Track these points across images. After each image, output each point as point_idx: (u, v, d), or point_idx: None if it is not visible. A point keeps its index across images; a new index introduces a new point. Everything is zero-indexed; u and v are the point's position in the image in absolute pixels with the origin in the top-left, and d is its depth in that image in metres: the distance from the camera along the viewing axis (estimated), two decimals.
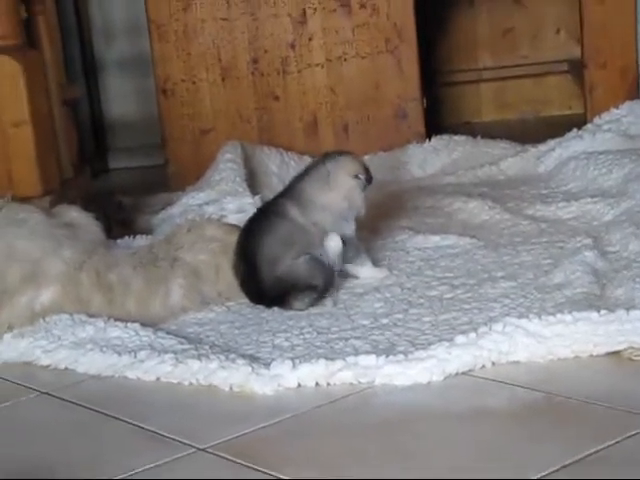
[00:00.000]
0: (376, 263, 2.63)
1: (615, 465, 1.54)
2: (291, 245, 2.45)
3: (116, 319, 2.35)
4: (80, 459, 1.80)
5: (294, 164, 3.74)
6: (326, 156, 2.57)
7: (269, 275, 2.43)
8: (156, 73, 3.97)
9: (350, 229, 2.54)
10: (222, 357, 2.07)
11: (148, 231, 3.20)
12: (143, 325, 2.32)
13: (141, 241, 3.03)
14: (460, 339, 1.99)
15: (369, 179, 2.55)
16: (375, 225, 2.92)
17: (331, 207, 2.52)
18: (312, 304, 2.42)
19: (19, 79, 2.92)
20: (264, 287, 2.44)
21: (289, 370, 1.98)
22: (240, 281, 2.49)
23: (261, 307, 2.46)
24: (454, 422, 1.77)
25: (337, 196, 2.53)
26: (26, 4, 3.17)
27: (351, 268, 2.57)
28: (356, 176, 2.53)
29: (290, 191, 2.56)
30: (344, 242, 2.50)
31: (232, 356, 2.08)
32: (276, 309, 2.43)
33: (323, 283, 2.44)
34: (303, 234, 2.48)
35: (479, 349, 1.96)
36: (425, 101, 3.97)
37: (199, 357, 2.09)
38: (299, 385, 1.97)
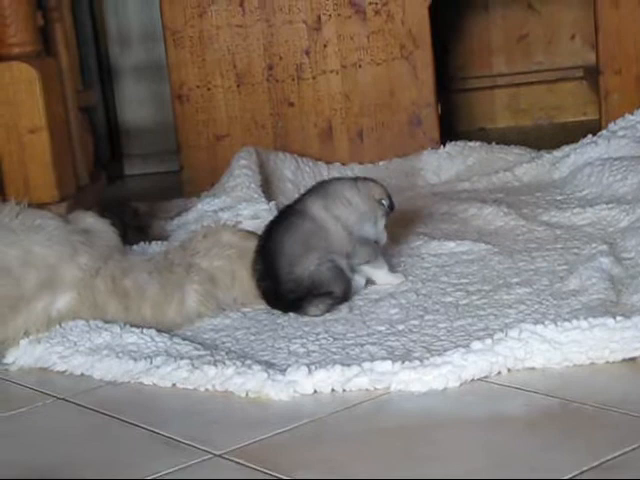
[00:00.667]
0: (392, 269, 2.63)
1: (632, 472, 1.54)
2: (311, 247, 2.46)
3: (132, 325, 2.36)
4: (96, 465, 1.80)
5: (309, 170, 3.75)
6: (354, 179, 2.65)
7: (288, 277, 2.43)
8: (171, 79, 3.98)
9: (371, 232, 2.56)
10: (238, 363, 2.07)
11: (163, 237, 3.21)
12: (159, 331, 2.33)
13: (156, 247, 3.04)
14: (476, 345, 1.99)
15: (391, 206, 2.59)
16: (390, 231, 2.91)
17: (357, 205, 2.55)
18: (327, 310, 2.43)
19: (36, 86, 2.93)
20: (282, 289, 2.45)
21: (305, 376, 1.98)
22: (257, 281, 2.50)
23: (277, 313, 2.46)
24: (470, 428, 1.77)
25: (363, 200, 2.56)
26: (43, 11, 3.19)
27: (368, 272, 2.57)
28: (380, 200, 2.57)
29: (314, 189, 2.59)
30: (362, 243, 2.52)
31: (248, 362, 2.08)
32: (292, 315, 2.43)
33: (341, 292, 2.45)
34: (324, 234, 2.49)
35: (495, 355, 1.96)
36: (440, 107, 3.97)
37: (215, 363, 2.09)
38: (315, 391, 1.97)
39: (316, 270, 2.44)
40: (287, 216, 2.54)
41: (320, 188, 2.59)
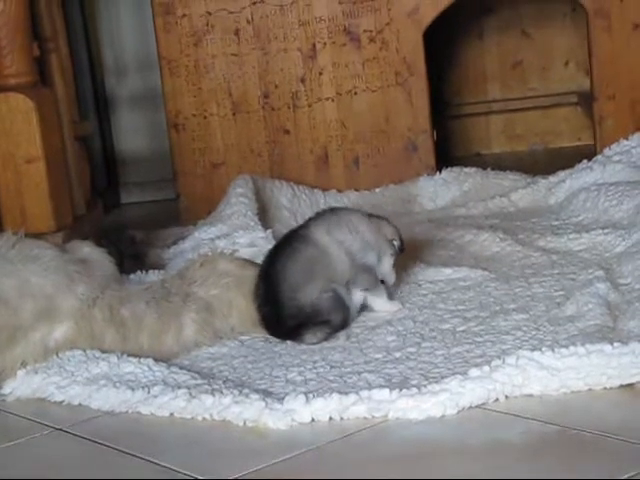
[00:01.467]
0: (390, 296, 2.63)
1: None
2: (314, 275, 2.47)
3: (129, 354, 2.36)
4: None
5: (305, 197, 3.76)
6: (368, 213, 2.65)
7: (290, 303, 2.44)
8: (167, 108, 3.99)
9: (373, 260, 2.56)
10: (235, 392, 2.07)
11: (160, 266, 3.21)
12: (156, 360, 2.33)
13: (153, 276, 3.04)
14: (473, 372, 1.99)
15: (402, 248, 2.62)
16: None
17: (363, 233, 2.56)
18: (325, 339, 2.43)
19: (32, 116, 2.95)
20: (283, 314, 2.45)
21: (302, 405, 1.98)
22: (258, 306, 2.50)
23: (274, 341, 2.46)
24: (468, 456, 1.77)
25: (370, 231, 2.57)
26: (39, 42, 3.20)
27: (367, 299, 2.58)
28: (391, 240, 2.59)
29: (320, 214, 2.60)
30: (364, 270, 2.53)
31: (245, 391, 2.08)
32: (289, 343, 2.43)
33: (340, 321, 2.46)
34: (326, 260, 2.49)
35: (492, 382, 1.96)
36: (435, 133, 3.99)
37: (212, 392, 2.09)
38: (313, 420, 1.97)
39: (318, 299, 2.44)
40: (291, 241, 2.55)
41: (326, 214, 2.61)
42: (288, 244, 2.55)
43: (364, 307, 2.59)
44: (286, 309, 2.45)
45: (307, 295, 2.45)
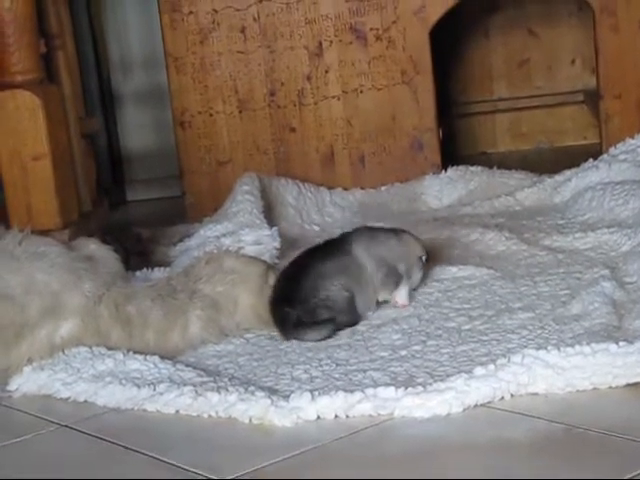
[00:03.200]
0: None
1: None
2: (340, 272, 2.51)
3: (135, 352, 2.36)
4: None
5: (311, 195, 3.76)
6: (396, 230, 2.69)
7: (309, 295, 2.46)
8: (173, 105, 4.00)
9: (402, 270, 2.62)
10: (241, 389, 2.08)
11: (166, 263, 3.21)
12: (162, 357, 2.33)
13: (159, 273, 3.04)
14: (479, 371, 1.99)
15: (427, 259, 2.67)
16: None
17: (397, 252, 2.61)
18: (328, 336, 2.43)
19: (39, 113, 2.95)
20: (300, 307, 2.45)
21: (308, 402, 1.98)
22: (272, 299, 2.51)
23: (279, 339, 2.46)
24: (473, 454, 1.77)
25: (405, 252, 2.62)
26: (45, 39, 3.21)
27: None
28: (420, 257, 2.64)
29: (360, 231, 2.63)
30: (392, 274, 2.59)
31: (251, 388, 2.08)
32: (294, 341, 2.43)
33: (346, 323, 2.48)
34: (358, 269, 2.55)
35: (498, 381, 1.96)
36: (441, 132, 3.99)
37: (218, 390, 2.09)
38: (318, 417, 1.97)
39: (335, 294, 2.46)
40: (326, 248, 2.61)
41: (365, 232, 2.64)
42: (322, 250, 2.61)
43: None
44: (304, 303, 2.46)
45: (327, 287, 2.47)
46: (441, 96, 4.13)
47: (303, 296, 2.47)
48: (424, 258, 2.65)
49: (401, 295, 2.61)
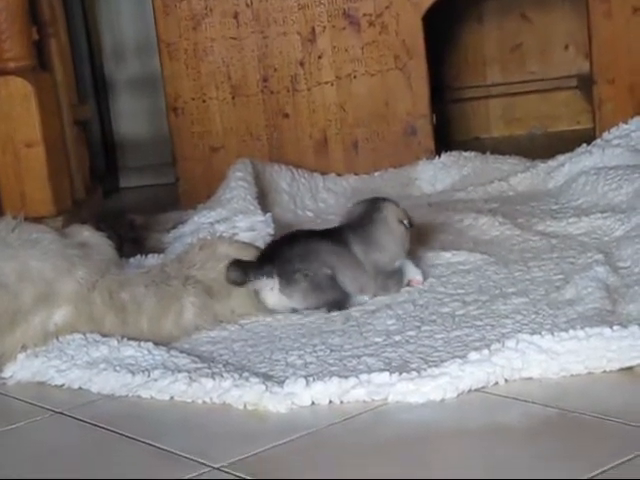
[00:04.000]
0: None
1: None
2: (329, 255, 2.52)
3: (129, 338, 2.36)
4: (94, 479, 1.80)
5: (304, 181, 3.76)
6: (375, 201, 2.70)
7: (292, 260, 2.49)
8: (166, 92, 3.99)
9: (398, 264, 2.65)
10: (235, 375, 2.08)
11: (160, 250, 3.21)
12: (156, 344, 2.33)
13: (153, 260, 3.04)
14: (473, 356, 1.99)
15: (411, 224, 2.67)
16: None
17: (390, 249, 2.62)
18: (317, 306, 2.50)
19: (31, 100, 2.95)
20: (279, 266, 2.48)
21: (302, 388, 1.98)
22: (257, 255, 2.55)
23: (274, 325, 2.47)
24: (468, 439, 1.78)
25: (394, 240, 2.63)
26: (38, 26, 3.20)
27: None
28: (401, 222, 2.64)
29: (355, 230, 2.63)
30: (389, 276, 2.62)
31: (245, 374, 2.08)
32: (289, 327, 2.43)
33: (332, 301, 2.50)
34: (350, 258, 2.56)
35: (492, 366, 1.96)
36: (434, 117, 3.98)
37: (212, 376, 2.09)
38: (313, 403, 1.97)
39: (314, 267, 2.50)
40: (324, 233, 2.64)
41: (361, 232, 2.63)
42: (319, 232, 2.65)
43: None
44: (284, 263, 2.49)
45: (310, 260, 2.50)
46: (434, 81, 4.12)
47: (286, 257, 2.49)
48: (406, 222, 2.66)
49: (412, 273, 2.63)
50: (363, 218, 2.67)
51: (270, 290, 2.49)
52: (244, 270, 2.48)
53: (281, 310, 2.52)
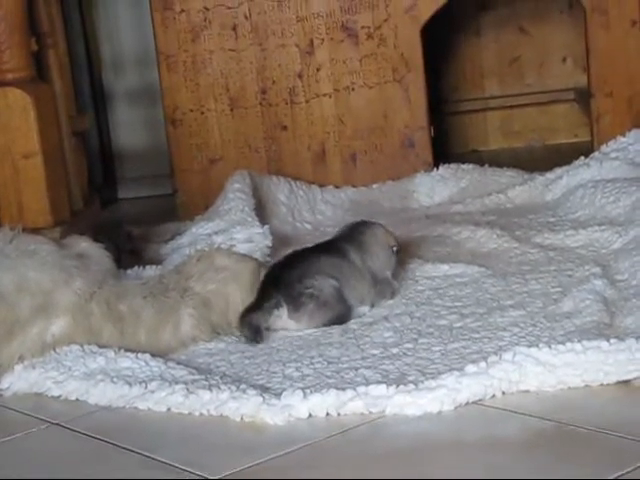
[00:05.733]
0: (394, 294, 2.69)
1: None
2: (332, 269, 2.53)
3: (127, 350, 2.36)
4: None
5: (302, 193, 3.76)
6: (365, 224, 2.74)
7: (294, 284, 2.49)
8: (165, 103, 3.99)
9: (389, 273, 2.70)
10: (233, 387, 2.08)
11: (157, 261, 3.21)
12: (153, 356, 2.33)
13: (151, 271, 3.04)
14: (470, 368, 1.99)
15: (399, 250, 2.72)
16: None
17: (381, 258, 2.67)
18: (323, 324, 2.49)
19: (30, 111, 2.95)
20: (284, 291, 2.48)
21: (300, 400, 1.98)
22: (262, 281, 2.55)
23: (271, 337, 2.46)
24: (465, 451, 1.78)
25: (384, 251, 2.68)
26: (36, 37, 3.20)
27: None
28: (391, 247, 2.69)
29: (348, 240, 2.67)
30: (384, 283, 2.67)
31: (243, 386, 2.08)
32: (286, 339, 2.43)
33: (336, 315, 2.48)
34: (351, 266, 2.59)
35: (489, 378, 1.96)
36: (432, 130, 3.99)
37: (210, 388, 2.09)
38: (310, 415, 1.97)
39: (322, 281, 2.50)
40: (322, 246, 2.68)
41: (356, 235, 2.68)
42: (317, 247, 2.68)
43: None
44: (288, 287, 2.50)
45: (313, 277, 2.51)
46: (432, 94, 4.13)
47: (289, 281, 2.48)
48: (395, 248, 2.70)
49: None
50: (354, 230, 2.70)
51: (279, 318, 2.49)
52: (256, 325, 2.46)
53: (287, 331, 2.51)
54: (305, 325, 2.49)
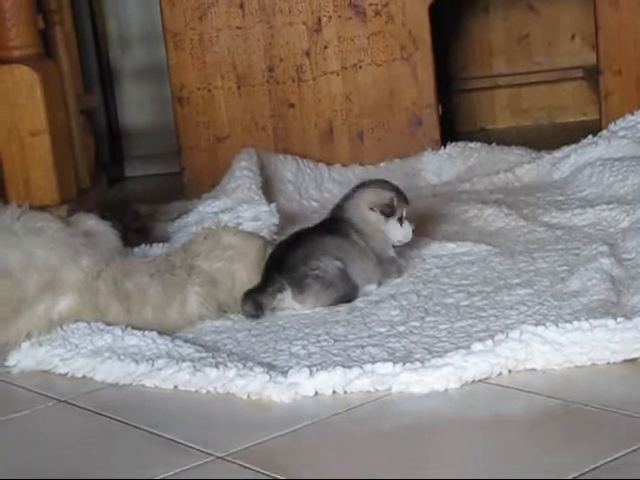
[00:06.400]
0: (400, 272, 2.67)
1: (634, 473, 1.54)
2: (336, 249, 2.52)
3: (133, 327, 2.36)
4: (98, 467, 1.80)
5: (310, 172, 3.76)
6: (358, 189, 2.70)
7: (298, 265, 2.47)
8: (172, 81, 3.99)
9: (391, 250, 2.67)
10: (239, 365, 2.08)
11: (164, 239, 3.21)
12: (160, 333, 2.33)
13: (157, 249, 3.04)
14: (477, 347, 1.99)
15: (388, 212, 2.64)
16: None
17: (374, 237, 2.63)
18: (328, 303, 2.48)
19: (37, 89, 2.94)
20: (287, 274, 2.47)
21: (306, 378, 1.98)
22: (266, 263, 2.53)
23: (278, 315, 2.46)
24: (471, 430, 1.78)
25: (372, 228, 2.63)
26: (43, 14, 3.20)
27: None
28: (371, 209, 2.63)
29: (348, 217, 2.64)
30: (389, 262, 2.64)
31: (249, 364, 2.08)
32: (293, 317, 2.44)
33: (342, 295, 2.48)
34: (355, 245, 2.57)
35: (496, 357, 1.96)
36: (440, 108, 3.98)
37: (216, 365, 2.09)
38: (316, 393, 1.97)
39: (327, 263, 2.48)
40: (325, 225, 2.65)
41: (352, 216, 2.65)
42: (320, 226, 2.65)
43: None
44: (292, 270, 2.48)
45: (318, 257, 2.49)
46: (440, 72, 4.12)
47: (292, 263, 2.48)
48: (376, 209, 2.64)
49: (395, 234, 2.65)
50: (352, 205, 2.67)
51: (282, 301, 2.48)
52: (258, 302, 2.46)
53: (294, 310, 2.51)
54: (310, 306, 2.49)
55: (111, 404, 2.07)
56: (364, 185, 2.71)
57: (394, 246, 2.67)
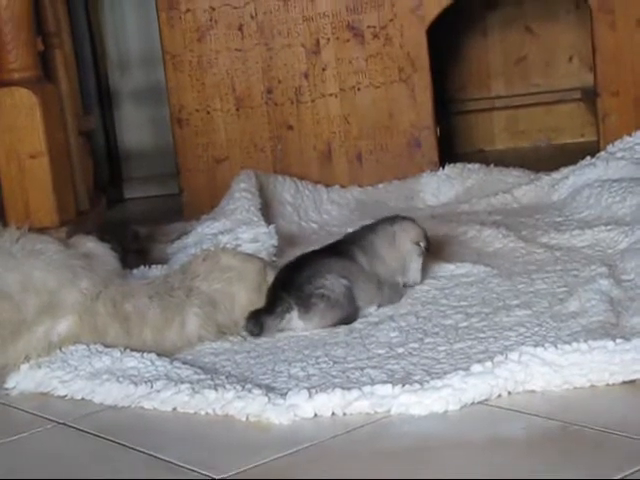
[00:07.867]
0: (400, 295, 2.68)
1: None
2: (342, 269, 2.53)
3: (132, 349, 2.36)
4: None
5: (308, 193, 3.76)
6: (392, 219, 2.71)
7: (304, 285, 2.48)
8: (171, 103, 4.00)
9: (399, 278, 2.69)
10: (238, 387, 2.08)
11: (163, 260, 3.21)
12: (159, 355, 2.33)
13: (156, 271, 3.04)
14: (476, 368, 1.99)
15: (427, 247, 2.69)
16: None
17: (390, 264, 2.64)
18: (333, 324, 2.48)
19: (36, 111, 2.95)
20: (294, 293, 2.47)
21: (305, 400, 1.98)
22: (271, 284, 2.54)
23: (277, 336, 2.46)
24: (470, 451, 1.77)
25: (398, 256, 2.66)
26: (43, 37, 3.20)
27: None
28: (417, 243, 2.66)
29: (358, 241, 2.65)
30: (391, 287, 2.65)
31: (248, 386, 2.08)
32: (291, 339, 2.43)
33: (345, 317, 2.48)
34: (365, 274, 2.58)
35: (495, 378, 1.96)
36: (439, 129, 3.99)
37: (215, 387, 2.09)
38: (315, 415, 1.97)
39: (334, 281, 2.49)
40: (331, 248, 2.65)
41: (364, 243, 2.65)
42: (327, 249, 2.66)
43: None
44: (298, 290, 2.49)
45: (324, 276, 2.50)
46: (439, 94, 4.13)
47: (299, 283, 2.48)
48: (422, 244, 2.68)
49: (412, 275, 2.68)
50: (367, 230, 2.68)
51: (289, 321, 2.49)
52: (261, 321, 2.46)
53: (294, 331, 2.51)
54: (315, 325, 2.48)
55: (110, 426, 2.06)
56: (397, 216, 2.74)
57: (404, 285, 2.69)
